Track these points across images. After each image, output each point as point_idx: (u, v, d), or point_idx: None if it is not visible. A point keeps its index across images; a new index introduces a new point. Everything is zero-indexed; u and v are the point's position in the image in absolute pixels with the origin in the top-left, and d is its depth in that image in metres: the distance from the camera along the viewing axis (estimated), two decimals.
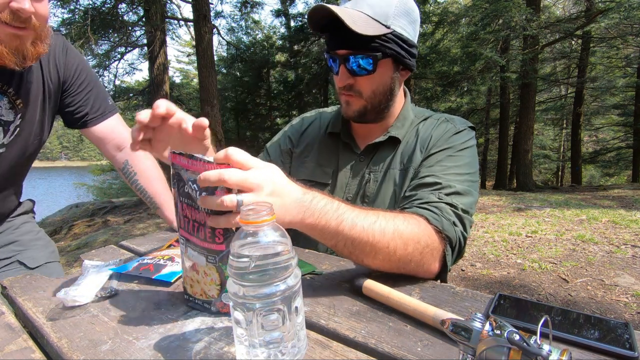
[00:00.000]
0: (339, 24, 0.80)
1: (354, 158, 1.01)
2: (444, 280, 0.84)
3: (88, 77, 1.14)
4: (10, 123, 0.98)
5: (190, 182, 0.59)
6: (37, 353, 0.57)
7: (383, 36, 0.84)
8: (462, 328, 0.44)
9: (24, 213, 1.19)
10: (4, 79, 0.95)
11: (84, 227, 7.19)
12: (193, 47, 10.92)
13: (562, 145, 19.95)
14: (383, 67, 0.88)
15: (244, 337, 0.47)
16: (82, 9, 7.68)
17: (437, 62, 10.81)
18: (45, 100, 1.06)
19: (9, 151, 1.01)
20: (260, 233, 0.47)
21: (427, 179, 0.85)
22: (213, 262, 0.62)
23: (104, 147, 1.21)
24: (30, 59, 0.90)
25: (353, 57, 0.85)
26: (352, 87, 0.90)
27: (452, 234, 0.77)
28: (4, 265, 1.06)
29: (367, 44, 0.83)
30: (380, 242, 0.67)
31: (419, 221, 0.74)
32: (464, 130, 0.95)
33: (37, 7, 0.86)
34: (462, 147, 0.91)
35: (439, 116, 1.00)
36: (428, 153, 0.91)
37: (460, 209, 0.80)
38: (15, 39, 0.85)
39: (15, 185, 1.11)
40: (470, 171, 0.89)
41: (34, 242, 1.15)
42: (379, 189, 0.94)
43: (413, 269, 0.73)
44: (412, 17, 0.89)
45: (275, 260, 0.46)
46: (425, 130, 0.96)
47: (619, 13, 7.75)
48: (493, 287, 2.85)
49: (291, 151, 1.10)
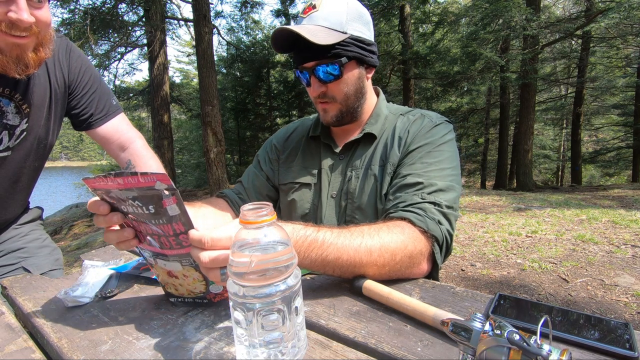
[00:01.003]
0: (301, 40, 0.86)
1: (334, 158, 1.05)
2: (436, 279, 0.85)
3: (92, 78, 1.15)
4: (16, 127, 0.99)
5: (131, 200, 0.56)
6: (37, 353, 0.57)
7: (342, 42, 0.90)
8: (462, 328, 0.44)
9: (32, 221, 1.20)
10: (10, 85, 0.95)
11: (84, 227, 7.19)
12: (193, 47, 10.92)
13: (562, 145, 19.95)
14: (349, 69, 0.94)
15: (244, 337, 0.47)
16: (82, 9, 7.67)
17: (437, 62, 10.82)
18: (52, 104, 1.06)
19: (15, 154, 1.01)
20: (261, 233, 0.47)
21: (409, 178, 0.88)
22: (188, 264, 0.62)
23: (108, 147, 1.22)
24: (33, 67, 0.90)
25: (320, 66, 0.91)
26: (326, 94, 0.96)
27: (438, 232, 0.79)
28: (9, 271, 1.07)
29: (329, 52, 0.89)
30: (369, 261, 0.70)
31: (403, 227, 0.77)
32: (441, 123, 0.97)
33: (37, 15, 0.86)
34: (441, 142, 0.93)
35: (416, 112, 1.03)
36: (407, 150, 0.93)
37: (444, 205, 0.83)
38: (15, 48, 0.85)
39: (23, 190, 1.11)
40: (451, 165, 0.91)
41: (40, 249, 1.16)
42: (361, 186, 0.97)
43: (404, 272, 0.75)
44: (364, 20, 0.96)
45: (275, 260, 0.46)
46: (402, 126, 0.99)
47: (619, 13, 7.73)
48: (493, 287, 2.85)
49: (278, 157, 1.15)
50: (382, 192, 0.93)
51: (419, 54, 10.51)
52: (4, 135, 0.97)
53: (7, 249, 1.10)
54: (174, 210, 0.55)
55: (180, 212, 0.55)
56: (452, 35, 11.46)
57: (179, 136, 17.08)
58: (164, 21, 8.94)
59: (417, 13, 11.29)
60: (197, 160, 15.50)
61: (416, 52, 10.51)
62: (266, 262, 0.46)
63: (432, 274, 0.84)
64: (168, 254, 0.61)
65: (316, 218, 1.02)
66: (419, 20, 11.73)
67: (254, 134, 15.00)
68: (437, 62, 10.78)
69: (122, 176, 0.52)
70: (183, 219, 0.56)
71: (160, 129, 8.96)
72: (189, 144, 16.82)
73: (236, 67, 13.57)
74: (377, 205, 0.94)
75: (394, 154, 0.95)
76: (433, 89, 12.68)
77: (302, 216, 1.04)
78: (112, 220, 0.61)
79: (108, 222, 0.62)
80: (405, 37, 10.38)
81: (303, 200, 1.04)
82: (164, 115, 9.01)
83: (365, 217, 0.95)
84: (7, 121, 0.97)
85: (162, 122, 8.98)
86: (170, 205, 0.55)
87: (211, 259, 0.54)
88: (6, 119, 0.96)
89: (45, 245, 1.18)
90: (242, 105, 14.09)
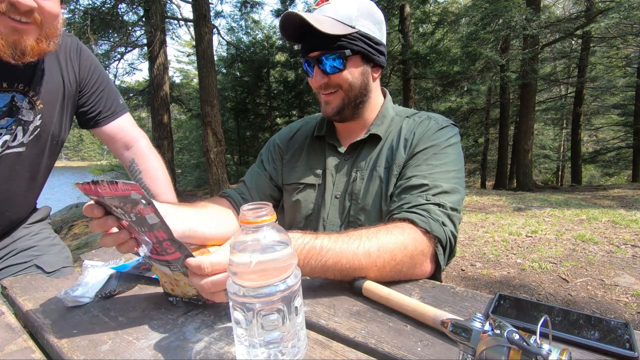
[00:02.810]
0: (309, 30, 0.87)
1: (339, 158, 1.04)
2: (439, 280, 0.85)
3: (101, 76, 1.16)
4: (30, 123, 0.99)
5: (115, 207, 0.57)
6: (37, 353, 0.57)
7: (349, 35, 0.90)
8: (462, 328, 0.44)
9: (41, 220, 1.21)
10: (24, 81, 0.95)
11: (84, 227, 7.19)
12: (193, 47, 10.92)
13: (562, 145, 19.94)
14: (353, 63, 0.94)
15: (244, 337, 0.47)
16: (82, 9, 7.67)
17: (437, 62, 10.81)
18: (64, 101, 1.07)
19: (29, 151, 1.02)
20: (260, 233, 0.47)
21: (414, 180, 0.87)
22: (177, 269, 0.62)
23: (113, 146, 1.23)
24: (30, 55, 0.89)
25: (324, 57, 0.92)
26: (328, 84, 0.95)
27: (441, 234, 0.79)
28: (22, 269, 1.07)
29: (334, 43, 0.90)
30: (368, 264, 0.70)
31: (403, 228, 0.77)
32: (447, 126, 0.97)
33: (42, 3, 0.86)
34: (446, 144, 0.93)
35: (421, 114, 1.03)
36: (413, 152, 0.93)
37: (449, 207, 0.83)
38: (14, 33, 0.85)
39: (37, 188, 1.12)
40: (456, 168, 0.91)
41: (51, 247, 1.16)
42: (365, 187, 0.97)
43: (406, 273, 0.75)
44: (375, 18, 0.96)
45: (275, 260, 0.46)
46: (408, 128, 0.99)
47: (619, 13, 7.73)
48: (493, 287, 2.85)
49: (281, 157, 1.15)
50: (387, 193, 0.93)
51: (419, 54, 10.51)
52: (18, 130, 0.98)
53: (18, 247, 1.10)
54: (152, 219, 0.55)
55: (159, 221, 0.56)
56: (452, 35, 11.46)
57: (179, 136, 17.07)
58: (164, 21, 8.94)
59: (417, 13, 11.30)
60: (197, 160, 15.50)
61: (416, 52, 10.51)
62: (266, 262, 0.46)
63: (435, 275, 0.84)
64: (157, 258, 0.62)
65: (319, 218, 1.01)
66: (419, 20, 11.73)
67: (254, 134, 14.99)
68: (437, 62, 10.78)
69: (103, 184, 0.53)
70: (163, 227, 0.56)
71: (160, 129, 8.95)
72: (189, 144, 16.82)
73: (236, 67, 13.57)
74: (381, 207, 0.93)
75: (399, 156, 0.95)
76: (433, 89, 12.67)
77: (305, 217, 1.04)
78: (107, 223, 0.61)
79: (102, 226, 0.61)
80: (405, 37, 10.39)
81: (307, 200, 1.04)
82: (164, 115, 9.01)
83: (369, 219, 0.95)
84: (22, 117, 0.97)
85: (162, 122, 8.97)
86: (148, 214, 0.55)
87: (213, 284, 0.55)
88: (21, 115, 0.97)
89: (56, 244, 1.19)
90: (242, 105, 14.08)
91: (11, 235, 1.11)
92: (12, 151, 0.98)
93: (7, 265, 1.07)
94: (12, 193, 1.03)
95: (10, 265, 1.07)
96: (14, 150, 0.99)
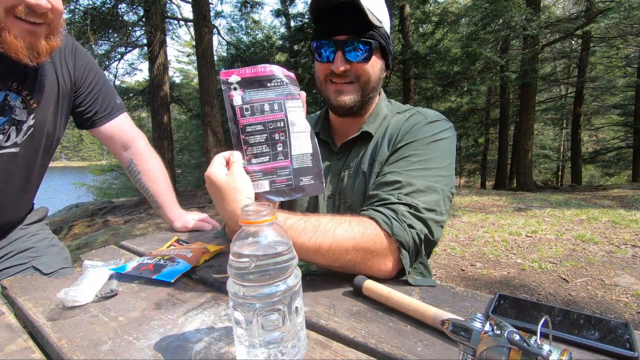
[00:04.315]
0: (341, 10, 0.85)
1: (332, 158, 1.03)
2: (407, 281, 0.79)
3: (97, 76, 1.15)
4: (24, 123, 0.99)
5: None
6: (37, 353, 0.57)
7: (379, 28, 0.90)
8: (462, 328, 0.44)
9: (38, 220, 1.20)
10: (18, 80, 0.95)
11: (84, 227, 7.19)
12: (193, 47, 10.92)
13: (562, 145, 19.94)
14: (375, 57, 0.92)
15: (244, 337, 0.47)
16: (82, 9, 7.67)
17: (437, 62, 10.80)
18: (59, 101, 1.06)
19: (23, 151, 1.01)
20: (261, 233, 0.47)
21: (389, 176, 0.84)
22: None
23: (111, 146, 1.22)
24: (44, 54, 0.90)
25: (351, 42, 0.88)
26: (348, 72, 0.91)
27: (404, 237, 0.75)
28: (20, 271, 1.07)
29: (367, 31, 0.88)
30: (316, 258, 0.72)
31: (365, 225, 0.74)
32: (437, 121, 0.93)
33: (54, 3, 0.86)
34: (431, 140, 0.88)
35: (412, 110, 1.00)
36: (395, 147, 0.90)
37: (422, 208, 0.78)
38: (30, 35, 0.86)
39: (32, 188, 1.12)
40: (439, 165, 0.85)
41: (49, 248, 1.16)
42: (352, 185, 0.95)
43: (361, 270, 0.74)
44: (391, 25, 0.98)
45: (275, 260, 0.46)
46: (396, 123, 0.96)
47: (619, 13, 7.72)
48: (493, 287, 2.85)
49: None
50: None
51: (419, 54, 10.50)
52: (11, 130, 0.97)
53: (16, 249, 1.10)
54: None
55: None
56: (452, 35, 11.45)
57: (179, 136, 17.07)
58: (164, 21, 8.94)
59: (417, 13, 11.29)
60: (197, 160, 15.50)
61: (416, 52, 10.50)
62: (266, 262, 0.46)
63: (399, 276, 0.78)
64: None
65: None
66: (419, 20, 11.72)
67: None
68: (437, 62, 10.77)
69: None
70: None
71: (160, 129, 8.95)
72: (189, 144, 16.82)
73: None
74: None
75: (382, 152, 0.92)
76: (433, 89, 12.66)
77: None
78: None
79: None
80: (405, 37, 10.38)
81: (302, 200, 1.04)
82: (164, 115, 9.01)
83: None
84: (15, 116, 0.97)
85: (162, 122, 8.97)
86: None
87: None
88: (14, 114, 0.96)
89: (54, 245, 1.19)
90: None
91: (8, 236, 1.10)
92: (5, 152, 0.98)
93: (4, 267, 1.07)
94: (7, 194, 1.03)
95: (7, 267, 1.07)
96: (7, 150, 0.98)
